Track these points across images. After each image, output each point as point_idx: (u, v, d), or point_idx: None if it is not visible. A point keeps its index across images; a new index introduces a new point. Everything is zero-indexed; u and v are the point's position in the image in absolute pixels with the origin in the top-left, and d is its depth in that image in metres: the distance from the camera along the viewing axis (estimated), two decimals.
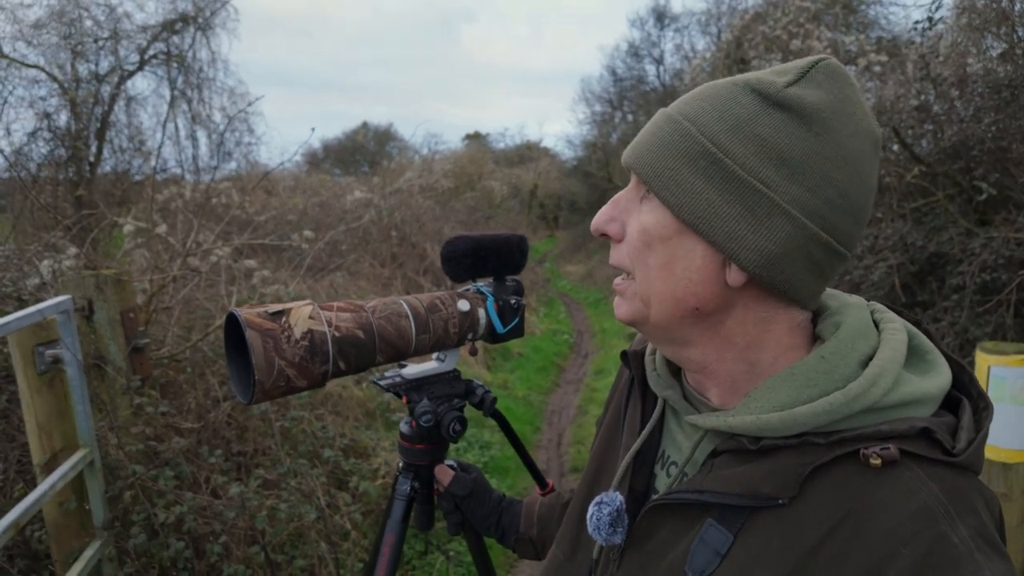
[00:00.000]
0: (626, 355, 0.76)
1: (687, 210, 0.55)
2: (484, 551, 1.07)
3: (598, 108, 21.52)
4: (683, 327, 0.60)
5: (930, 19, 4.70)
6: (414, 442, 0.99)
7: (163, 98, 10.01)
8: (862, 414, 0.54)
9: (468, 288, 0.99)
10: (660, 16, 18.73)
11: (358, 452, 3.30)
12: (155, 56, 9.86)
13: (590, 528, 0.65)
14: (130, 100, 9.58)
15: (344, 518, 2.70)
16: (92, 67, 9.03)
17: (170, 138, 9.60)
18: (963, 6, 4.58)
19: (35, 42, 8.23)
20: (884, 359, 0.56)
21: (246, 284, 4.03)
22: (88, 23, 8.83)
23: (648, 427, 0.69)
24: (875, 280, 4.03)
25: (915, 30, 5.01)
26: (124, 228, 4.10)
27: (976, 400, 0.57)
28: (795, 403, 0.55)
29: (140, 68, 9.68)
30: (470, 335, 0.94)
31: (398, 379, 0.94)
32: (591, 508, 0.65)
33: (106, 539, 2.11)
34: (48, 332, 1.96)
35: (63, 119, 8.41)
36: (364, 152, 22.60)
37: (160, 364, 2.82)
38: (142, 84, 19.93)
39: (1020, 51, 4.06)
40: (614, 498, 0.65)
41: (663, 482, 0.67)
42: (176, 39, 10.06)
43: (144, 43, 9.58)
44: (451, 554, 2.80)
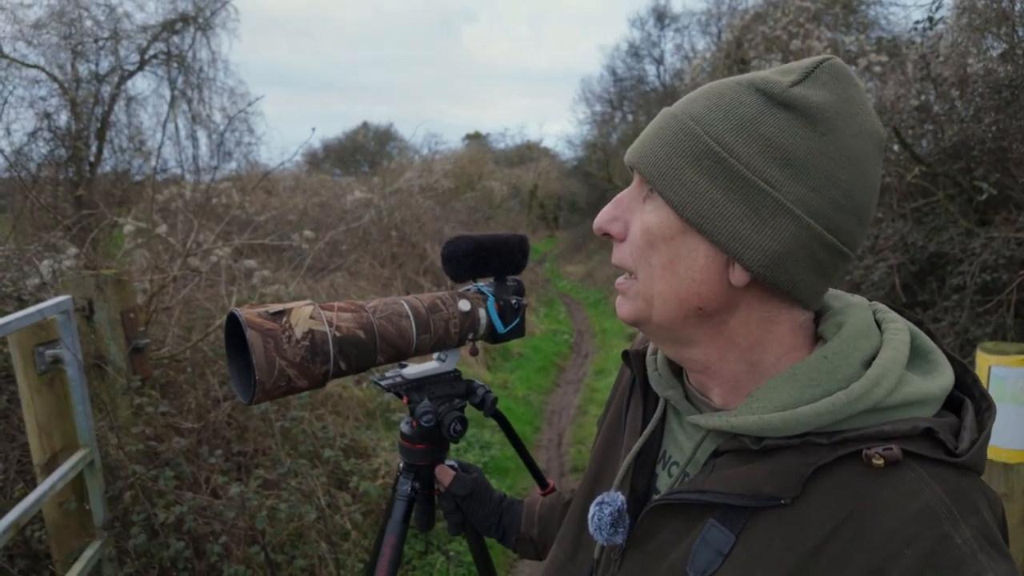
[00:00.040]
0: (627, 355, 0.76)
1: (691, 209, 0.55)
2: (485, 551, 1.07)
3: (598, 108, 21.56)
4: (686, 327, 0.60)
5: (930, 19, 4.70)
6: (415, 442, 0.99)
7: (163, 98, 10.04)
8: (865, 414, 0.53)
9: (469, 288, 0.99)
10: (660, 16, 18.76)
11: (358, 452, 3.29)
12: (155, 56, 9.88)
13: (591, 528, 0.65)
14: (130, 100, 9.61)
15: (344, 518, 2.70)
16: (92, 67, 9.06)
17: (170, 138, 9.63)
18: (963, 6, 4.58)
19: (35, 42, 8.25)
20: (887, 359, 0.55)
21: (246, 284, 4.03)
22: (88, 23, 8.85)
23: (650, 427, 0.69)
24: (875, 280, 4.03)
25: (915, 30, 5.01)
26: (124, 228, 4.09)
27: (979, 400, 0.57)
28: (797, 403, 0.55)
29: (140, 68, 9.69)
30: (471, 335, 0.94)
31: (399, 379, 0.94)
32: (592, 508, 0.65)
33: (106, 539, 2.10)
34: (48, 332, 1.96)
35: (63, 119, 8.44)
36: (364, 152, 22.60)
37: (160, 364, 2.82)
38: (142, 84, 19.98)
39: (1020, 51, 4.06)
40: (615, 498, 0.65)
41: (664, 482, 0.67)
42: (176, 39, 10.08)
43: (144, 43, 9.60)
44: (451, 554, 2.80)
